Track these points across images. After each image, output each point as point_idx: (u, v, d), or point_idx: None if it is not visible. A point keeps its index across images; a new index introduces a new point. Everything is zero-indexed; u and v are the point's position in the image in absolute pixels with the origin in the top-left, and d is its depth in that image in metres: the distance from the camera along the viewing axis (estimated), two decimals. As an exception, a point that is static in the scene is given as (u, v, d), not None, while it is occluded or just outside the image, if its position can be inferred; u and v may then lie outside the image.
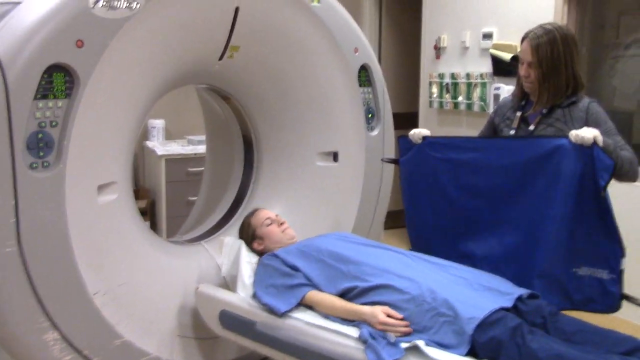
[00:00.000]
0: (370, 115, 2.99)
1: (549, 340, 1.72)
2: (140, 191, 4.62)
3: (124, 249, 2.24)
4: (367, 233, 2.94)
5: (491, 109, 3.96)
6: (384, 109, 3.01)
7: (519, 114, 2.39)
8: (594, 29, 4.21)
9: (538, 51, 2.24)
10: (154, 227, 4.45)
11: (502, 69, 3.95)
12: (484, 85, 4.12)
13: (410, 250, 2.44)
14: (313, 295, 2.12)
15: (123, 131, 2.22)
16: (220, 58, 2.54)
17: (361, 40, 2.89)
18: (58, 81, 1.95)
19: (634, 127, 3.93)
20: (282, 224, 2.51)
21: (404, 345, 1.81)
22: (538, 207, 2.11)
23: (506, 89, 3.89)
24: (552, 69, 2.24)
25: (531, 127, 2.34)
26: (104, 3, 2.02)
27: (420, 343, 1.78)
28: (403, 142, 2.51)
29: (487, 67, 4.08)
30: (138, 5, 2.09)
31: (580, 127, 2.14)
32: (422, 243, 2.49)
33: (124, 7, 2.06)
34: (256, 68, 2.68)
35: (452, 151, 2.37)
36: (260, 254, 2.46)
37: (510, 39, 3.92)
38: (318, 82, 2.78)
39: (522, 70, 2.33)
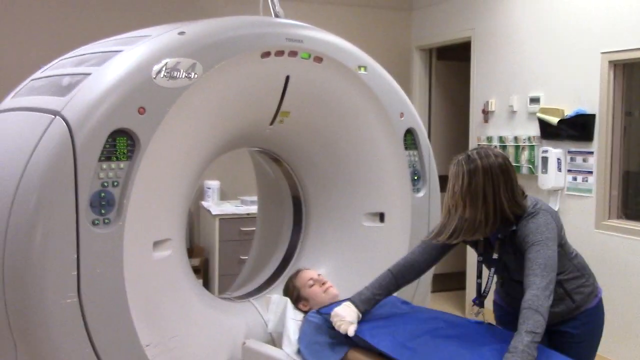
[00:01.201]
0: (416, 177, 3.06)
1: None
2: (194, 249, 4.77)
3: (176, 303, 2.34)
4: (413, 296, 2.96)
5: (540, 171, 3.98)
6: (429, 171, 3.08)
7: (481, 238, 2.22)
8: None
9: (456, 179, 2.11)
10: (207, 284, 4.57)
11: (549, 132, 3.99)
12: (532, 148, 4.16)
13: None
14: (354, 353, 2.17)
15: (178, 191, 2.36)
16: (272, 123, 2.68)
17: (406, 105, 3.00)
18: (121, 145, 2.12)
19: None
20: (323, 283, 2.59)
21: None
22: None
23: (554, 152, 3.92)
24: (469, 201, 2.07)
25: (495, 256, 2.21)
26: (165, 73, 2.19)
27: None
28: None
29: (534, 130, 4.12)
30: (196, 76, 2.26)
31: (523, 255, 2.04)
32: None
33: (183, 76, 2.23)
34: (305, 132, 2.81)
35: None
36: (305, 313, 2.52)
37: (557, 103, 3.97)
38: (365, 145, 2.89)
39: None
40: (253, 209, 4.26)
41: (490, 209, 2.06)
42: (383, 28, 5.46)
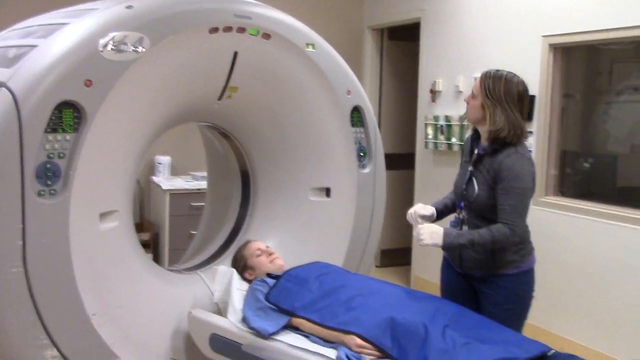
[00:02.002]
0: (362, 154, 3.15)
1: None
2: (145, 224, 4.78)
3: (122, 274, 2.39)
4: (357, 268, 3.06)
5: (482, 151, 4.11)
6: (375, 148, 3.17)
7: (476, 151, 2.51)
8: (588, 76, 4.38)
9: (483, 83, 2.40)
10: (157, 258, 4.60)
11: (492, 112, 4.10)
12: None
13: None
14: (298, 319, 2.26)
15: (125, 164, 2.39)
16: (220, 98, 2.72)
17: (354, 83, 3.07)
18: (67, 117, 2.14)
19: (619, 170, 4.06)
20: (271, 254, 2.68)
21: None
22: None
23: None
24: (491, 101, 2.36)
25: (470, 168, 2.49)
26: (112, 47, 2.21)
27: None
28: None
29: (479, 110, 4.24)
30: (143, 50, 2.28)
31: (493, 178, 2.36)
32: None
33: (130, 50, 2.26)
34: (253, 108, 2.86)
35: None
36: (250, 283, 2.60)
37: (500, 84, 4.09)
38: (312, 121, 2.95)
39: (466, 97, 2.51)
40: (203, 184, 4.29)
41: (511, 118, 2.34)
42: (336, 8, 5.51)
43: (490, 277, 2.44)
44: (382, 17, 5.41)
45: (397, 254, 5.55)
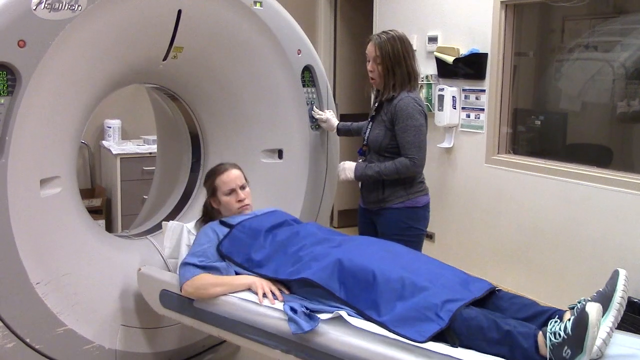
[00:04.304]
0: (314, 115, 3.11)
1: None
2: (96, 189, 4.68)
3: (67, 241, 2.32)
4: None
5: (437, 109, 4.13)
6: (327, 108, 3.13)
7: (375, 105, 2.85)
8: (541, 34, 4.40)
9: (381, 49, 2.69)
10: (110, 224, 4.52)
11: (446, 70, 4.11)
12: (429, 86, 4.28)
13: None
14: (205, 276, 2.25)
15: (66, 128, 2.30)
16: (165, 58, 2.63)
17: (304, 43, 3.01)
18: (0, 79, 2.04)
19: (569, 128, 4.12)
20: (241, 201, 2.55)
21: (327, 316, 1.94)
22: None
23: (449, 90, 4.06)
24: (394, 62, 2.68)
25: (372, 113, 2.83)
26: (46, 5, 2.10)
27: (343, 313, 1.91)
28: None
29: (432, 69, 4.24)
30: (80, 8, 2.18)
31: (390, 121, 2.69)
32: None
33: (66, 9, 2.15)
34: (200, 68, 2.78)
35: None
36: (210, 211, 2.59)
37: (453, 42, 4.09)
38: (262, 82, 2.90)
39: (369, 66, 2.76)
40: (155, 147, 4.19)
41: (411, 69, 2.72)
42: (287, -36, 5.37)
43: (382, 210, 2.77)
44: (336, -26, 5.31)
45: (354, 214, 5.56)
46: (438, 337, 1.80)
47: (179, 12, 2.51)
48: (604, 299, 1.81)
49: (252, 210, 2.60)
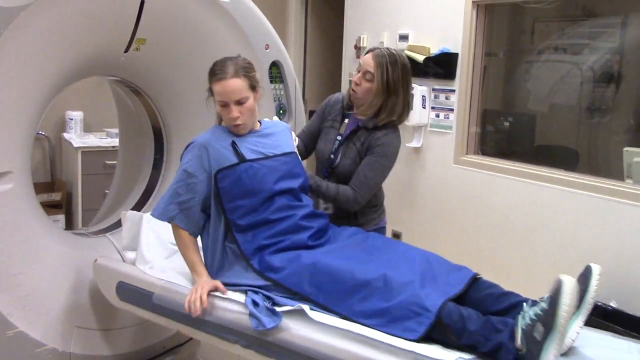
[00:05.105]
0: (281, 111, 3.05)
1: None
2: (56, 183, 4.54)
3: (19, 239, 2.22)
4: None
5: (407, 108, 4.08)
6: (295, 105, 3.07)
7: (346, 120, 2.50)
8: (511, 35, 4.40)
9: (380, 68, 2.35)
10: (70, 219, 4.39)
11: (416, 69, 4.06)
12: (399, 85, 4.23)
13: None
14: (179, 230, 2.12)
15: (19, 120, 2.20)
16: (126, 50, 2.54)
17: (272, 38, 2.95)
18: (-52, 68, 1.93)
19: (537, 129, 4.13)
20: (235, 119, 2.13)
21: (288, 308, 1.87)
22: None
23: (419, 89, 4.02)
24: (390, 90, 2.36)
25: (339, 138, 2.48)
26: (-1, -9, 2.00)
27: (305, 307, 1.86)
28: None
29: (402, 67, 4.19)
30: (36, -6, 2.08)
31: (365, 151, 2.39)
32: None
33: (20, -5, 2.05)
34: (163, 61, 2.70)
35: None
36: None
37: (424, 41, 4.05)
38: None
39: (356, 78, 2.43)
40: (118, 141, 4.08)
41: (405, 101, 2.42)
42: (258, -43, 5.29)
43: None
44: (307, -32, 5.24)
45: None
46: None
47: (142, 2, 2.43)
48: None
49: (256, 126, 2.25)
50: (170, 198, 2.11)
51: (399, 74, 2.37)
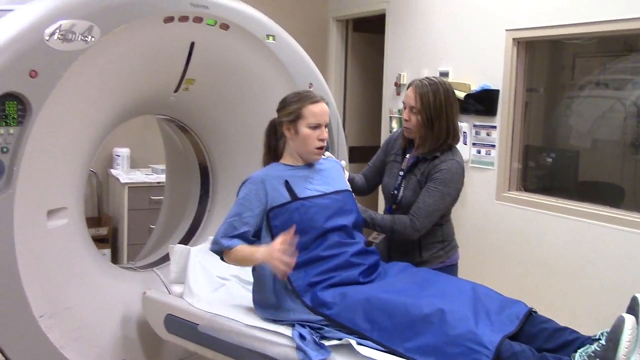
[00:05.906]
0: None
1: None
2: (103, 218, 4.66)
3: (72, 273, 2.29)
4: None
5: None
6: (338, 142, 3.11)
7: (408, 156, 2.53)
8: (552, 71, 4.40)
9: (422, 98, 2.38)
10: (116, 254, 4.48)
11: (457, 106, 4.09)
12: (440, 121, 4.25)
13: None
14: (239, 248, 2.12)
15: (74, 159, 2.29)
16: (176, 90, 2.63)
17: (316, 76, 3.01)
18: (11, 109, 2.03)
19: (581, 165, 4.09)
20: (322, 139, 2.22)
21: (334, 342, 1.88)
22: None
23: (461, 126, 4.03)
24: (434, 116, 2.38)
25: (401, 173, 2.51)
26: (59, 36, 2.10)
27: (352, 341, 1.86)
28: None
29: (443, 104, 4.22)
30: (93, 39, 2.18)
31: (426, 180, 2.40)
32: None
33: (79, 40, 2.15)
34: (211, 100, 2.78)
35: None
36: (275, 144, 2.36)
37: (464, 78, 4.08)
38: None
39: (404, 114, 2.47)
40: (164, 177, 4.18)
41: (450, 125, 2.41)
42: (300, -2, 5.43)
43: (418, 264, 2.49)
44: (347, 8, 5.34)
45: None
46: None
47: (192, 44, 2.52)
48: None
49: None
50: (226, 231, 2.16)
51: (441, 98, 2.38)
